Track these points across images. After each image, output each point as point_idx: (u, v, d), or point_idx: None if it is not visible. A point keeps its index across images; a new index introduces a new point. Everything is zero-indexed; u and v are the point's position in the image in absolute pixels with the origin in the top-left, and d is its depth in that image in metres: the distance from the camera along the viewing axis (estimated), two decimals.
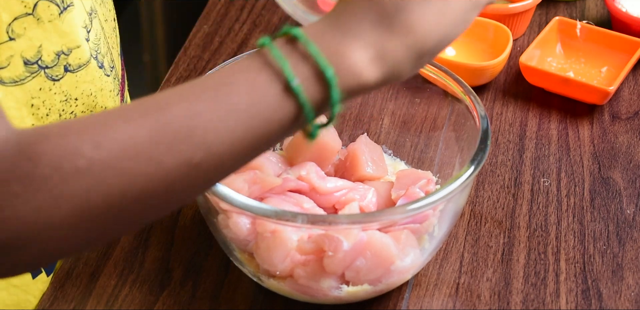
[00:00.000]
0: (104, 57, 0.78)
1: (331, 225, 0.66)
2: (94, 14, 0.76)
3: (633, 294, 0.76)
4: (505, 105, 0.96)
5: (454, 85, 0.77)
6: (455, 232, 0.81)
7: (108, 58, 0.80)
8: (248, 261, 0.73)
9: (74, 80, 0.72)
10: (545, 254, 0.80)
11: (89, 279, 0.77)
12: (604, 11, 1.09)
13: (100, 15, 0.79)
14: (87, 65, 0.73)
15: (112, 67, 0.81)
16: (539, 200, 0.85)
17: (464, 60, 0.98)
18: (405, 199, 0.74)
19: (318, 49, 0.51)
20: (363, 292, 0.72)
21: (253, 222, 0.70)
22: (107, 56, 0.79)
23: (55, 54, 0.69)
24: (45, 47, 0.68)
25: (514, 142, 0.91)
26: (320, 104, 0.52)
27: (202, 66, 1.02)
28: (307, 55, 0.51)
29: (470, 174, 0.68)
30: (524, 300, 0.76)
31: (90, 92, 0.75)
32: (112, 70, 0.81)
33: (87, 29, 0.74)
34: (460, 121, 0.77)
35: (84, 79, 0.73)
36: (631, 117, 0.95)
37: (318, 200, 0.76)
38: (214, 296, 0.76)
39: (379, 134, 0.86)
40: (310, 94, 0.51)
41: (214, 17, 1.10)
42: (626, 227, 0.82)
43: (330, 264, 0.69)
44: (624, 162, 0.89)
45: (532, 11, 1.05)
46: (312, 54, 0.51)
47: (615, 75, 0.97)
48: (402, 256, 0.70)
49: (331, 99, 0.51)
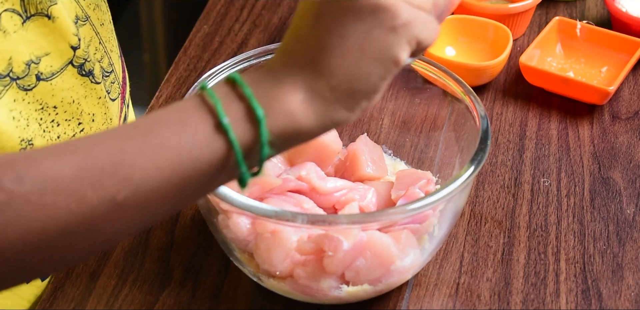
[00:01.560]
0: (95, 64, 0.77)
1: (331, 225, 0.66)
2: (80, 21, 0.75)
3: (633, 294, 0.76)
4: (505, 105, 0.96)
5: (454, 85, 0.77)
6: (455, 232, 0.81)
7: (104, 63, 0.79)
8: (248, 261, 0.73)
9: (49, 89, 0.71)
10: (545, 254, 0.80)
11: (89, 279, 0.77)
12: (604, 11, 1.09)
13: (95, 20, 0.78)
14: (62, 72, 0.72)
15: (109, 71, 0.80)
16: (539, 200, 0.85)
17: (464, 60, 0.98)
18: (405, 199, 0.74)
19: (252, 91, 0.52)
20: (363, 292, 0.72)
21: (253, 222, 0.70)
22: (101, 62, 0.79)
23: (25, 64, 0.68)
24: (15, 59, 0.68)
25: (514, 142, 0.91)
26: (251, 144, 0.52)
27: (202, 66, 1.02)
28: (241, 96, 0.52)
29: (470, 174, 0.68)
30: (524, 300, 0.76)
31: (72, 100, 0.74)
32: (110, 74, 0.80)
33: (78, 37, 0.73)
34: (460, 121, 0.77)
35: (61, 87, 0.72)
36: (631, 117, 0.95)
37: (318, 200, 0.76)
38: (214, 296, 0.76)
39: (379, 134, 0.86)
40: (241, 133, 0.51)
41: (214, 17, 1.10)
42: (626, 227, 0.82)
43: (330, 264, 0.69)
44: (624, 162, 0.89)
45: (532, 11, 1.05)
46: (246, 96, 0.52)
47: (615, 75, 0.97)
48: (402, 256, 0.70)
49: (261, 139, 0.51)
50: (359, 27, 0.51)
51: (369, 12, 0.51)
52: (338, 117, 0.53)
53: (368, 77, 0.52)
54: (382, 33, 0.51)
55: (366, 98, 0.53)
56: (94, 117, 0.77)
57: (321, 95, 0.52)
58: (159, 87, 0.99)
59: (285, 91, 0.52)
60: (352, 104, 0.53)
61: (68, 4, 0.74)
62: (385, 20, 0.51)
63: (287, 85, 0.52)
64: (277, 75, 0.53)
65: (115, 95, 0.82)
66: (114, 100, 0.81)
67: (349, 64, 0.52)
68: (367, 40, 0.51)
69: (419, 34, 0.52)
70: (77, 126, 0.75)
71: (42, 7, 0.69)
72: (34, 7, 0.68)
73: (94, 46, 0.77)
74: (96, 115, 0.77)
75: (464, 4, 1.03)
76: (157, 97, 0.98)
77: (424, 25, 0.53)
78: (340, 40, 0.51)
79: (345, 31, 0.51)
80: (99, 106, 0.78)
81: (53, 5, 0.70)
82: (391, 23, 0.51)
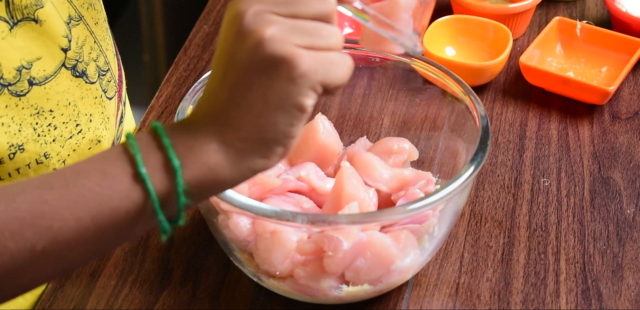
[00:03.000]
0: (89, 64, 0.77)
1: (331, 225, 0.66)
2: (74, 21, 0.75)
3: (633, 294, 0.76)
4: (505, 105, 0.96)
5: (454, 85, 0.77)
6: (455, 232, 0.81)
7: (100, 62, 0.79)
8: (248, 261, 0.73)
9: (43, 93, 0.71)
10: (545, 254, 0.80)
11: (89, 279, 0.77)
12: (604, 11, 1.09)
13: (89, 19, 0.78)
14: (56, 76, 0.72)
15: (105, 70, 0.80)
16: (539, 200, 0.85)
17: (464, 60, 0.98)
18: (405, 199, 0.74)
19: (170, 142, 0.53)
20: (363, 292, 0.72)
21: (253, 222, 0.70)
22: (97, 61, 0.79)
23: (15, 70, 0.69)
24: (5, 66, 0.68)
25: (514, 142, 0.91)
26: (167, 194, 0.53)
27: (202, 66, 1.02)
28: (161, 146, 0.53)
29: (470, 174, 0.68)
30: (524, 300, 0.76)
31: (68, 102, 0.74)
32: (106, 73, 0.80)
33: (68, 38, 0.73)
34: (460, 121, 0.77)
35: (55, 90, 0.73)
36: (631, 117, 0.95)
37: (318, 200, 0.76)
38: (214, 296, 0.76)
39: (379, 134, 0.86)
40: (157, 182, 0.53)
41: (214, 17, 1.10)
42: (626, 227, 0.82)
43: (330, 264, 0.69)
44: (624, 162, 0.89)
45: (532, 11, 1.05)
46: (164, 146, 0.53)
47: (615, 75, 0.97)
48: (402, 256, 0.70)
49: (177, 189, 0.53)
50: (261, 80, 0.53)
51: (269, 66, 0.53)
52: (255, 166, 0.54)
53: (275, 126, 0.53)
54: (282, 84, 0.53)
55: (280, 144, 0.54)
56: (92, 117, 0.77)
57: (233, 146, 0.54)
58: (159, 87, 0.99)
59: (201, 142, 0.54)
60: (266, 152, 0.54)
61: (60, 4, 0.74)
62: (284, 72, 0.52)
63: (202, 136, 0.54)
64: (194, 126, 0.55)
65: (112, 94, 0.82)
66: (111, 99, 0.82)
67: (255, 115, 0.53)
68: (270, 92, 0.53)
69: (323, 78, 0.54)
70: (74, 128, 0.75)
71: (28, 12, 0.69)
72: (20, 13, 0.69)
73: (89, 45, 0.77)
74: (93, 115, 0.77)
75: (464, 4, 1.03)
76: (157, 97, 0.98)
77: (330, 67, 0.54)
78: (245, 93, 0.53)
79: (250, 84, 0.53)
80: (95, 106, 0.78)
81: (39, 8, 0.70)
82: (290, 74, 0.52)
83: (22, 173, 0.71)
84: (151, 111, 0.96)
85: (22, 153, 0.70)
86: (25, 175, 0.71)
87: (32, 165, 0.72)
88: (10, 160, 0.70)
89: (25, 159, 0.71)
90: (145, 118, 0.95)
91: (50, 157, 0.73)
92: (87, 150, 0.77)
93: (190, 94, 0.75)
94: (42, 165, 0.72)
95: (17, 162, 0.70)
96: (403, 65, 0.81)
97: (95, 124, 0.78)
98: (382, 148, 0.81)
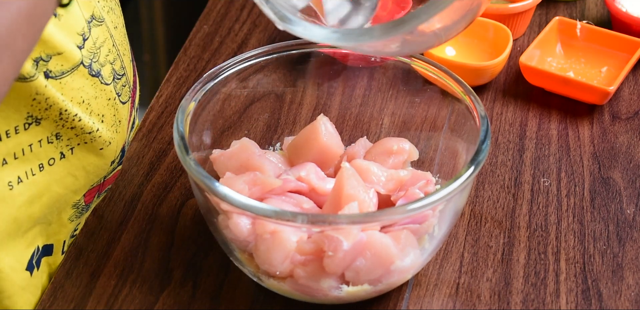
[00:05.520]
0: (103, 66, 0.77)
1: (331, 225, 0.66)
2: (96, 21, 0.75)
3: (633, 294, 0.76)
4: (505, 105, 0.96)
5: (454, 85, 0.77)
6: (455, 232, 0.81)
7: (117, 65, 0.79)
8: (248, 261, 0.73)
9: (58, 88, 0.71)
10: (545, 254, 0.80)
11: (89, 279, 0.77)
12: (604, 11, 1.09)
13: (109, 23, 0.79)
14: (73, 72, 0.72)
15: (121, 74, 0.80)
16: (539, 200, 0.85)
17: (464, 60, 0.98)
18: (405, 199, 0.74)
19: None
20: (363, 292, 0.72)
21: (253, 222, 0.70)
22: (114, 64, 0.79)
23: (33, 61, 0.68)
24: None
25: (514, 142, 0.91)
26: None
27: (202, 66, 1.02)
28: None
29: (470, 174, 0.68)
30: (524, 300, 0.76)
31: (82, 100, 0.74)
32: (122, 77, 0.81)
33: (84, 37, 0.73)
34: (460, 121, 0.77)
35: (70, 86, 0.72)
36: (631, 117, 0.95)
37: (318, 200, 0.76)
38: (214, 296, 0.76)
39: (379, 134, 0.86)
40: None
41: (214, 17, 1.10)
42: (626, 227, 0.82)
43: (330, 264, 0.69)
44: (624, 162, 0.89)
45: (532, 11, 1.05)
46: None
47: (615, 75, 0.97)
48: (402, 256, 0.70)
49: None
50: None
51: None
52: None
53: None
54: None
55: None
56: (104, 118, 0.77)
57: None
58: (159, 87, 0.99)
59: None
60: None
61: (86, 3, 0.74)
62: None
63: None
64: None
65: (126, 99, 0.82)
66: (125, 103, 0.81)
67: None
68: None
69: None
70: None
71: None
72: None
73: (107, 48, 0.77)
74: (105, 116, 0.77)
75: None
76: (157, 97, 0.98)
77: None
78: None
79: None
80: (108, 107, 0.78)
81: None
82: None
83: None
84: (151, 111, 0.96)
85: (37, 126, 0.71)
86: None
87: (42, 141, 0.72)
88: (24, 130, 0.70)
89: (39, 134, 0.72)
90: (145, 118, 0.95)
91: (62, 139, 0.74)
92: (99, 150, 0.77)
93: (190, 93, 0.75)
94: (51, 145, 0.73)
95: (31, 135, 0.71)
96: (403, 65, 0.81)
97: (107, 125, 0.78)
98: (382, 148, 0.81)
